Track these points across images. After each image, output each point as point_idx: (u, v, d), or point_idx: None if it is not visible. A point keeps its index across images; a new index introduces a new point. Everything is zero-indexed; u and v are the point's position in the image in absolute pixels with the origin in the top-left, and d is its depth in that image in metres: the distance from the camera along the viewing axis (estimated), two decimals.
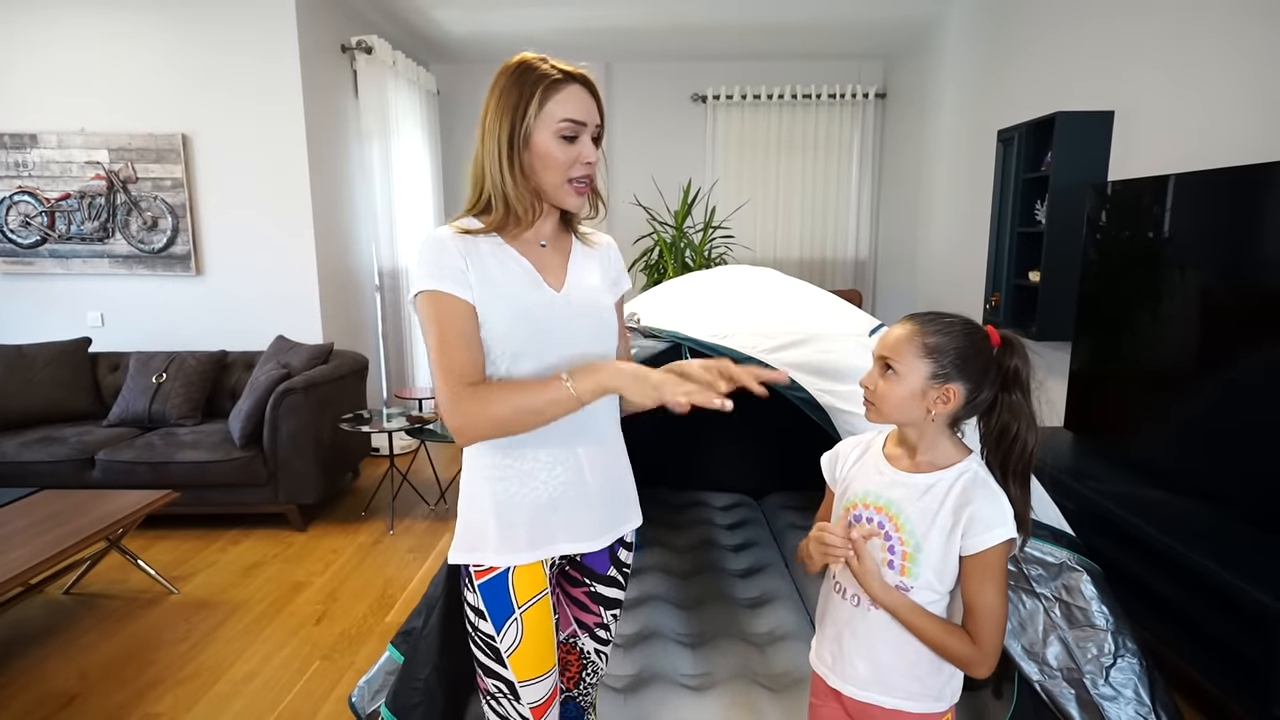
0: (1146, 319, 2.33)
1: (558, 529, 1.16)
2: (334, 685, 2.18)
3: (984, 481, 1.04)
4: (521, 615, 1.14)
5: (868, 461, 1.14)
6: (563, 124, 1.08)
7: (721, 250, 5.08)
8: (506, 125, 1.08)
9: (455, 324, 1.06)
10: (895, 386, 1.03)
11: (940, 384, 1.02)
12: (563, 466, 1.15)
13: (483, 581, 1.14)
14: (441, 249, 1.08)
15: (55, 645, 2.41)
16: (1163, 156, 2.52)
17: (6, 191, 3.83)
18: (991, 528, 1.00)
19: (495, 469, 1.13)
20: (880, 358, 1.06)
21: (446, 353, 1.06)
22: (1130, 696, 1.36)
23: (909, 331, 1.04)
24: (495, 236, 1.13)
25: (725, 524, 3.03)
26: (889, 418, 1.06)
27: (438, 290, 1.06)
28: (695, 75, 5.32)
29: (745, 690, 1.90)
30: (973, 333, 1.04)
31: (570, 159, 1.10)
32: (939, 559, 1.03)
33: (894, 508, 1.06)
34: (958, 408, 1.03)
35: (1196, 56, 2.39)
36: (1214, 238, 2.09)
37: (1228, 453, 2.01)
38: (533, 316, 1.11)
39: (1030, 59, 3.40)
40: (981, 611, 1.02)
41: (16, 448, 3.23)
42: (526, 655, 1.15)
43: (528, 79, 1.08)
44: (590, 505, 1.18)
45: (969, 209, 3.97)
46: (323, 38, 3.94)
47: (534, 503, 1.13)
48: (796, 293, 1.95)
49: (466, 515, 1.16)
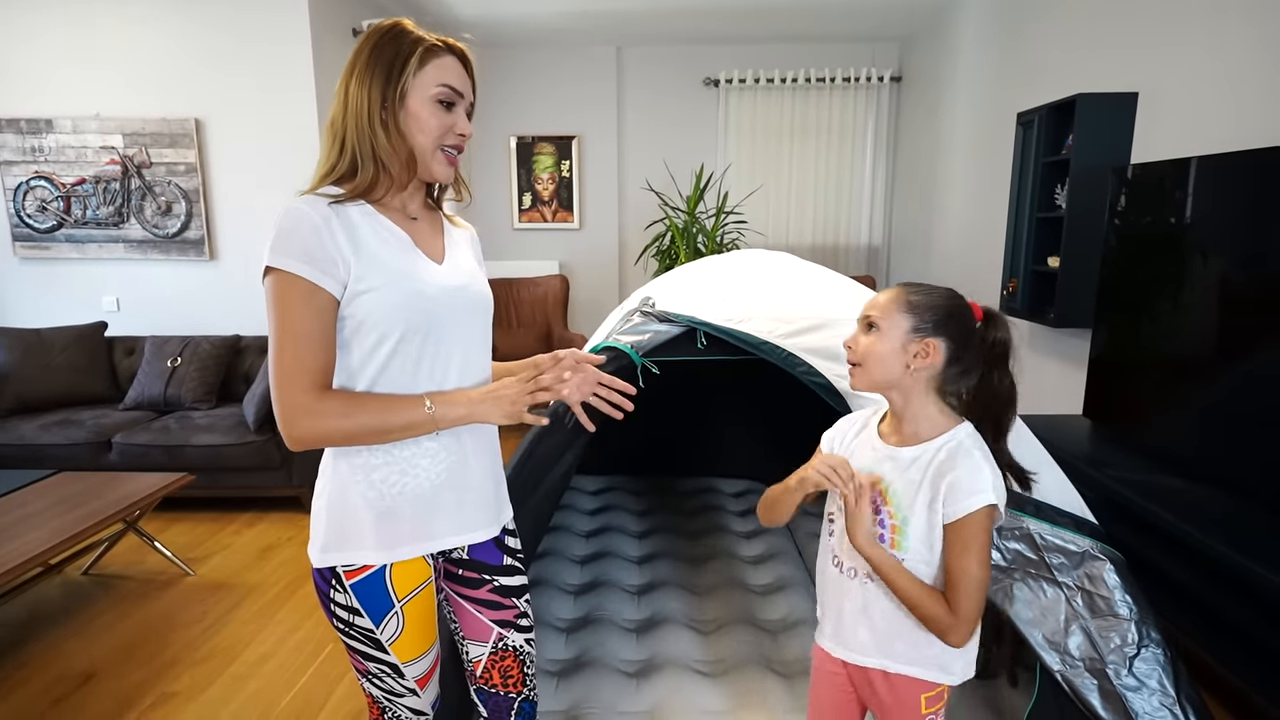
0: (1167, 306, 2.28)
1: (442, 520, 1.11)
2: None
3: (967, 450, 1.04)
4: (402, 609, 1.09)
5: (863, 438, 1.17)
6: (440, 89, 1.05)
7: (734, 236, 5.04)
8: (379, 81, 1.02)
9: (314, 318, 0.97)
10: (878, 342, 1.06)
11: (920, 338, 1.05)
12: (447, 453, 1.10)
13: (355, 581, 1.06)
14: (311, 226, 0.98)
15: (73, 625, 2.44)
16: (1188, 139, 2.46)
17: (23, 176, 3.85)
18: (969, 495, 1.01)
19: (373, 458, 1.06)
20: (864, 317, 1.10)
21: (300, 349, 0.97)
22: (1154, 687, 1.34)
23: (894, 293, 1.09)
24: (364, 204, 1.05)
25: (736, 510, 3.02)
26: (873, 377, 1.08)
27: (298, 276, 0.96)
28: (707, 59, 5.26)
29: (758, 676, 1.90)
30: (955, 298, 1.08)
31: (445, 126, 1.06)
32: (925, 529, 1.05)
33: (883, 483, 1.09)
34: (939, 366, 1.05)
35: (1224, 36, 2.33)
36: (1237, 223, 2.04)
37: (1248, 441, 1.97)
38: (422, 294, 1.05)
39: (1050, 39, 3.33)
40: (958, 578, 1.03)
41: (35, 430, 3.26)
42: (408, 640, 1.11)
43: (405, 39, 1.04)
44: (475, 494, 1.15)
45: (986, 193, 3.91)
46: (334, 21, 3.92)
47: (415, 492, 1.08)
48: (813, 277, 1.93)
49: (332, 512, 1.07)
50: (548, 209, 5.47)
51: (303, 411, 0.97)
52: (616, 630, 2.14)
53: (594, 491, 3.20)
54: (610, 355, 1.66)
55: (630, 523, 2.90)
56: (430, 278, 1.08)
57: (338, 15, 3.95)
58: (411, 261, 1.07)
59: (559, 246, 5.51)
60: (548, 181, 5.42)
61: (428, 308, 1.05)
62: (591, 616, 2.21)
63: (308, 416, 0.97)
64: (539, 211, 5.47)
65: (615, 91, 5.30)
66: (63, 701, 2.05)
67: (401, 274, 1.04)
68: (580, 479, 3.28)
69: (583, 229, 5.49)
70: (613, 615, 2.22)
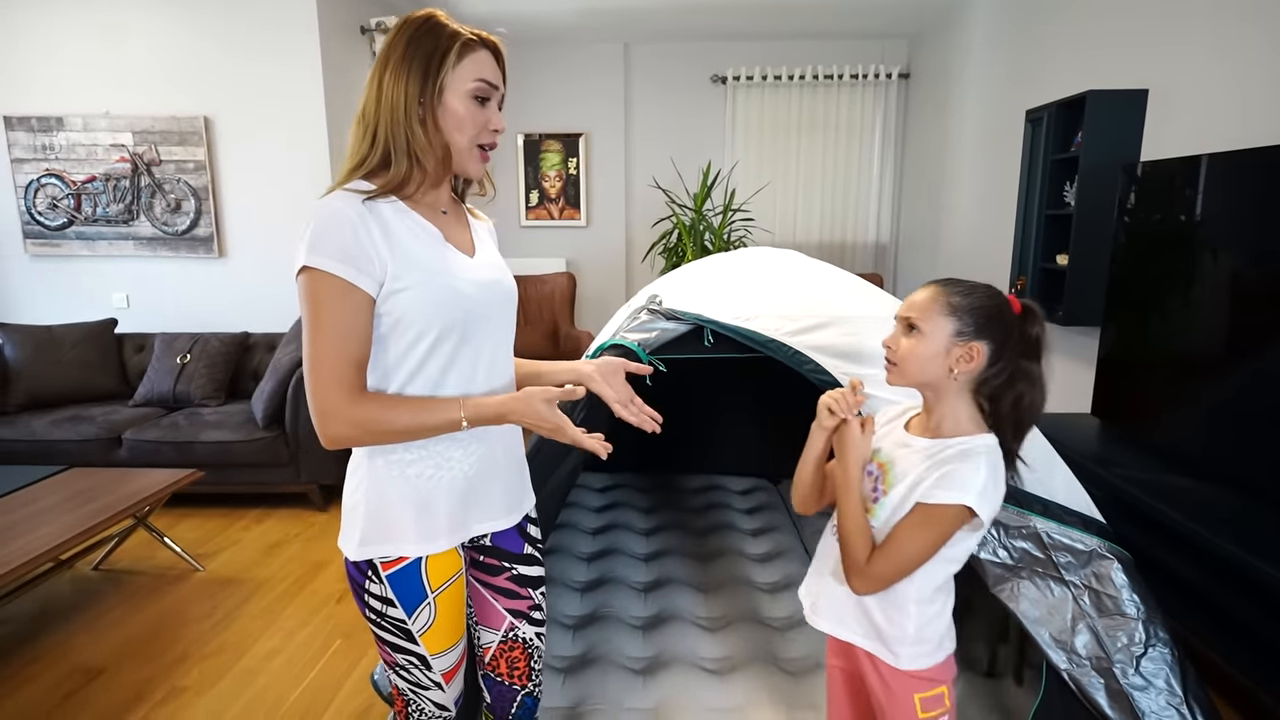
0: (1177, 304, 2.27)
1: (474, 510, 1.14)
2: (356, 663, 2.20)
3: (976, 454, 1.03)
4: (435, 600, 1.11)
5: (890, 427, 1.18)
6: (477, 84, 1.04)
7: (741, 233, 5.03)
8: (417, 75, 1.01)
9: (351, 317, 0.97)
10: (919, 344, 1.05)
11: (964, 341, 1.03)
12: (477, 443, 1.12)
13: (391, 572, 1.08)
14: (347, 224, 0.97)
15: (84, 620, 2.46)
16: (1199, 136, 2.44)
17: (34, 174, 3.88)
18: (951, 488, 1.01)
19: (407, 453, 1.07)
20: (903, 318, 1.08)
21: (337, 349, 0.96)
22: (1161, 686, 1.33)
23: (933, 293, 1.06)
24: (395, 200, 1.04)
25: (743, 508, 3.02)
26: (911, 377, 1.07)
27: (335, 274, 0.95)
28: (714, 56, 5.25)
29: (765, 674, 1.90)
30: (995, 296, 1.07)
31: (481, 123, 1.06)
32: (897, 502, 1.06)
33: (890, 464, 1.10)
34: (980, 368, 1.04)
35: (1235, 31, 2.31)
36: (1247, 220, 2.03)
37: (1258, 440, 1.96)
38: (458, 290, 1.05)
39: (1060, 36, 3.31)
40: (893, 542, 1.04)
41: (46, 426, 3.29)
42: (438, 632, 1.13)
43: (442, 34, 1.03)
44: (501, 482, 1.18)
45: (994, 191, 3.89)
46: (342, 19, 3.93)
47: (450, 484, 1.10)
48: (821, 275, 1.92)
49: (370, 506, 1.08)
50: (555, 206, 5.47)
51: (339, 415, 0.97)
52: (623, 627, 2.15)
53: (601, 489, 3.20)
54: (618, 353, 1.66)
55: (637, 520, 2.91)
56: (464, 273, 1.08)
57: (346, 12, 3.96)
58: (445, 257, 1.07)
59: (566, 244, 5.52)
60: (555, 179, 5.42)
61: (464, 304, 1.06)
62: (598, 613, 2.22)
63: (344, 420, 0.98)
64: (546, 209, 5.47)
65: (622, 88, 5.30)
66: (73, 696, 2.07)
67: (437, 270, 1.04)
68: (587, 476, 3.29)
69: (590, 226, 5.49)
70: (619, 612, 2.22)
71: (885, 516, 1.07)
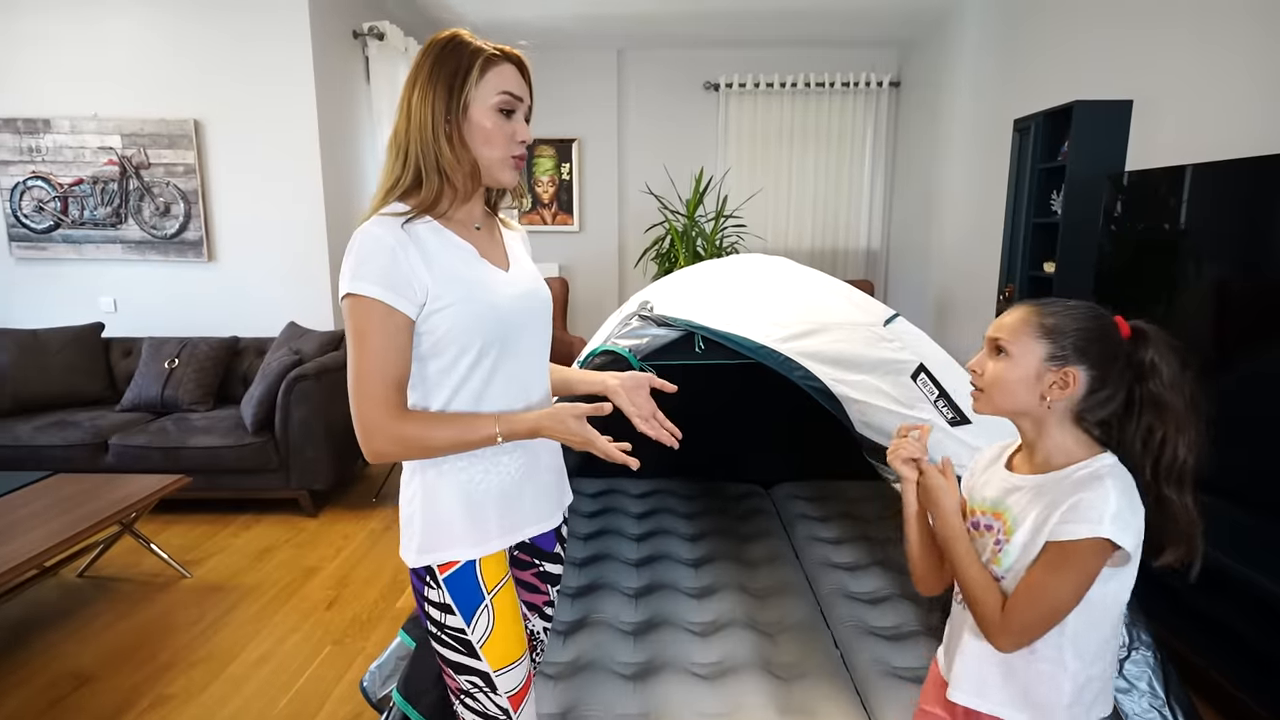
0: (1161, 312, 2.30)
1: (524, 512, 1.17)
2: (345, 669, 2.19)
3: (1100, 478, 0.92)
4: (492, 601, 1.13)
5: (993, 470, 1.07)
6: (501, 96, 1.06)
7: (733, 240, 5.06)
8: (443, 94, 1.04)
9: (391, 339, 1.01)
10: (1008, 369, 0.96)
11: (1058, 366, 0.94)
12: (521, 449, 1.16)
13: (448, 575, 1.11)
14: (388, 251, 1.01)
15: (70, 628, 2.44)
16: (1183, 147, 2.48)
17: (20, 176, 3.85)
18: (1081, 521, 0.89)
19: (458, 460, 1.11)
20: (991, 339, 1.00)
21: (378, 370, 1.01)
22: (1144, 689, 1.35)
23: (1025, 313, 0.98)
24: (430, 220, 1.07)
25: (734, 514, 3.03)
26: (999, 405, 0.99)
27: (376, 299, 0.99)
28: (707, 63, 5.28)
29: (757, 679, 1.90)
30: (1099, 317, 0.96)
31: (507, 135, 1.08)
32: (1021, 547, 0.95)
33: (1006, 510, 1.00)
34: (1078, 397, 0.95)
35: (1219, 44, 2.35)
36: (1231, 230, 2.06)
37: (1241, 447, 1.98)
38: (496, 305, 1.09)
39: (1048, 46, 3.35)
40: (1029, 586, 0.92)
41: (31, 431, 3.26)
42: (499, 642, 1.14)
43: (464, 51, 1.05)
44: (545, 483, 1.22)
45: (983, 199, 3.93)
46: (334, 23, 3.93)
47: (500, 488, 1.14)
48: (811, 282, 1.94)
49: (426, 514, 1.11)
50: (548, 211, 5.48)
51: (383, 432, 1.02)
52: (614, 632, 2.15)
53: (593, 494, 3.20)
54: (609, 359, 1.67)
55: (629, 526, 2.91)
56: (501, 288, 1.11)
57: (338, 17, 3.96)
58: (481, 274, 1.10)
59: (559, 249, 5.52)
60: (548, 184, 5.43)
61: (502, 318, 1.09)
62: (589, 619, 2.21)
63: (387, 437, 1.02)
64: (539, 214, 5.48)
65: (615, 95, 5.32)
66: (59, 704, 2.05)
67: (475, 287, 1.07)
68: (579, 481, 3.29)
69: (582, 232, 5.50)
70: (610, 618, 2.22)
71: (1011, 565, 0.97)
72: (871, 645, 2.02)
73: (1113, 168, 2.75)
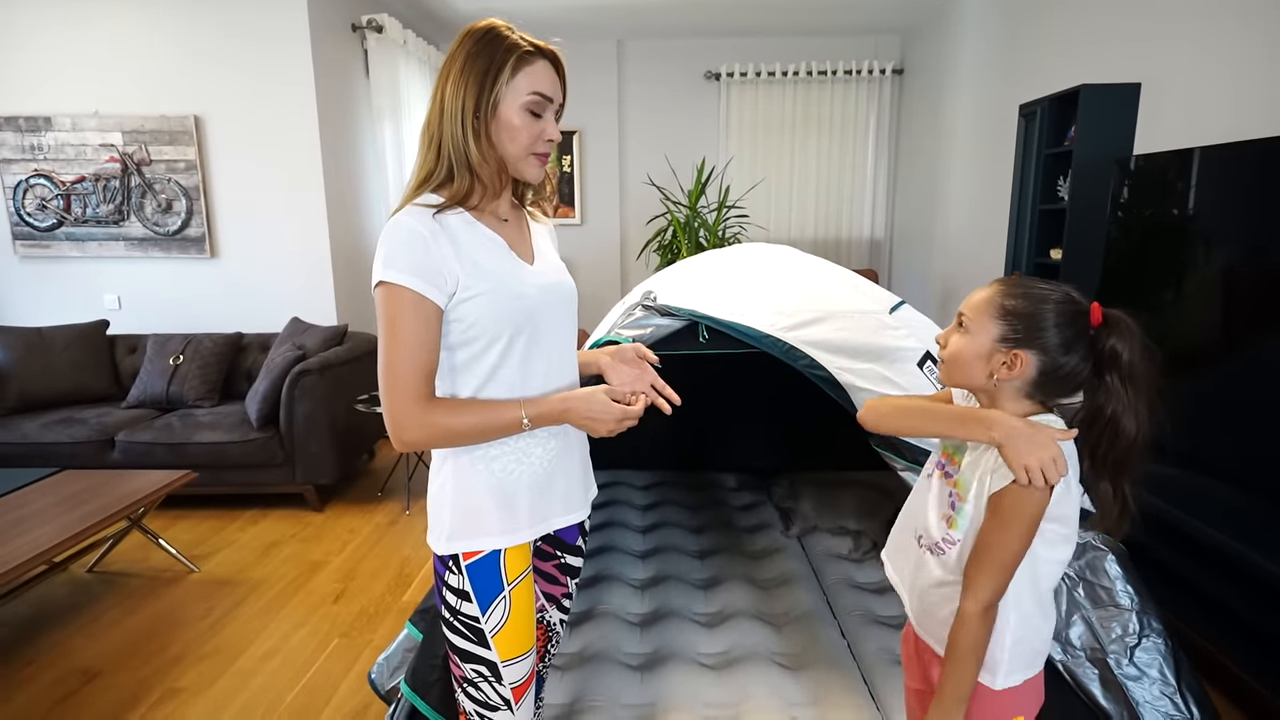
0: (1170, 297, 2.28)
1: (553, 504, 1.17)
2: (353, 662, 2.20)
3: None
4: (510, 593, 1.13)
5: None
6: (531, 97, 1.06)
7: (735, 230, 5.04)
8: (474, 90, 1.03)
9: (421, 327, 1.02)
10: (965, 345, 1.00)
11: (1007, 348, 0.96)
12: (555, 440, 1.16)
13: (471, 562, 1.11)
14: (419, 240, 1.01)
15: (79, 623, 2.45)
16: (1192, 129, 2.45)
17: (22, 175, 3.85)
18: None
19: (490, 449, 1.11)
20: (958, 314, 1.03)
21: (410, 357, 1.01)
22: (1155, 676, 1.34)
23: (991, 292, 1.00)
24: (462, 212, 1.08)
25: (739, 505, 3.02)
26: (953, 377, 1.03)
27: (408, 288, 1.00)
28: (708, 52, 5.24)
29: (763, 669, 1.90)
30: (1062, 304, 0.95)
31: (535, 134, 1.08)
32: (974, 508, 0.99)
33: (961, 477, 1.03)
34: (1028, 378, 0.96)
35: (1227, 25, 2.32)
36: (1240, 213, 2.04)
37: (1249, 432, 1.97)
38: (523, 296, 1.09)
39: (1054, 30, 3.32)
40: (980, 548, 0.96)
41: (38, 429, 3.27)
42: (511, 634, 1.14)
43: (499, 46, 1.04)
44: (575, 475, 1.22)
45: (988, 186, 3.90)
46: (333, 17, 3.91)
47: (531, 478, 1.13)
48: (815, 270, 1.92)
49: (457, 502, 1.11)
50: (549, 204, 5.46)
51: (411, 420, 1.02)
52: (620, 623, 2.15)
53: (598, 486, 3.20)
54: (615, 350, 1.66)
55: (634, 517, 2.91)
56: (528, 279, 1.11)
57: (337, 11, 3.94)
58: (510, 266, 1.10)
59: (560, 242, 5.44)
60: (549, 177, 5.41)
61: (530, 308, 1.09)
62: (596, 610, 2.22)
63: (415, 425, 1.02)
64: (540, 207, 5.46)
65: (616, 86, 5.29)
66: (69, 699, 2.06)
67: (504, 278, 1.07)
68: None
69: (584, 224, 5.48)
70: (617, 609, 2.22)
71: (964, 525, 1.01)
72: (878, 634, 2.01)
73: (1120, 152, 2.72)
